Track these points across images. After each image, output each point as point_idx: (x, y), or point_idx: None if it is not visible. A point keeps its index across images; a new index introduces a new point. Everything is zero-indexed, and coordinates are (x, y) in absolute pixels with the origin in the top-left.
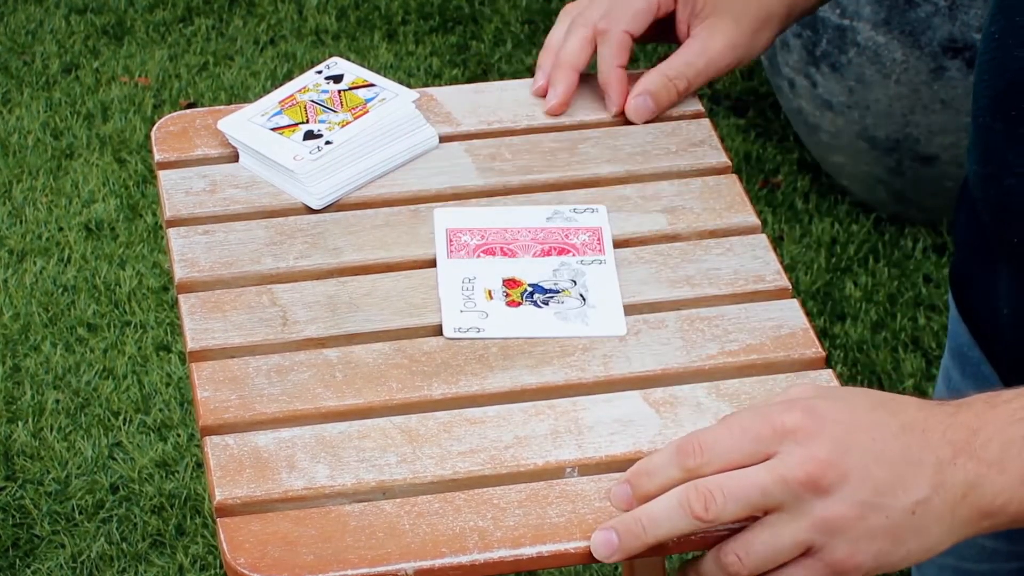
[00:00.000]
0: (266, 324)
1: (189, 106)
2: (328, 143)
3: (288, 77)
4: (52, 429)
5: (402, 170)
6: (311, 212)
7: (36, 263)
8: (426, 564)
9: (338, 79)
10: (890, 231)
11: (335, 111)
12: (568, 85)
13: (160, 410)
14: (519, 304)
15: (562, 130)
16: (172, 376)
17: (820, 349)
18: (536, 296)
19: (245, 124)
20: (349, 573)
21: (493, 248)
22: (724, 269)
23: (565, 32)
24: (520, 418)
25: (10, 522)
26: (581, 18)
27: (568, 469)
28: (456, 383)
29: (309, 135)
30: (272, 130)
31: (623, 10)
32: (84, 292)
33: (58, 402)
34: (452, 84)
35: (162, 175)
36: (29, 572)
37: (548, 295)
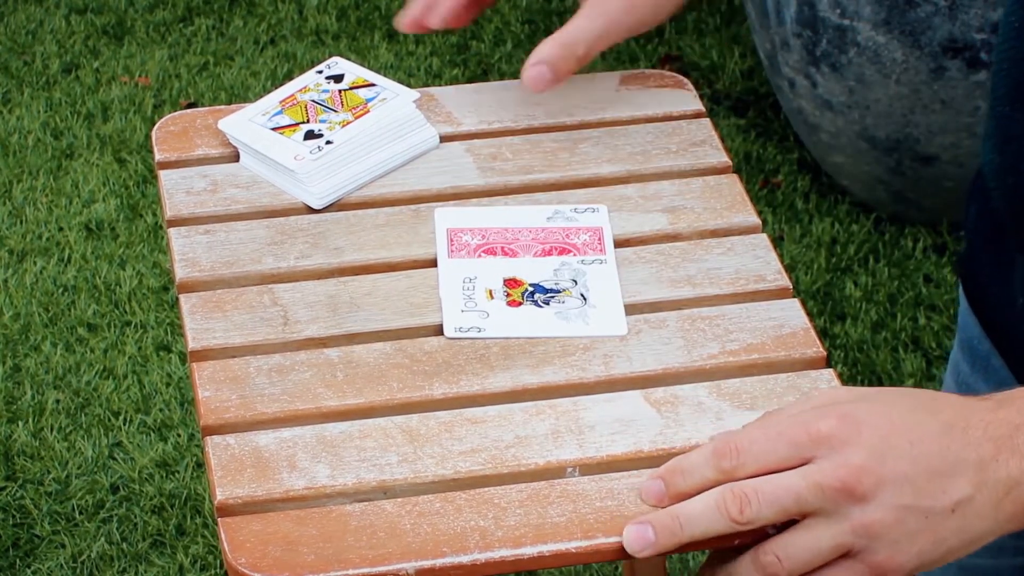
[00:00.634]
0: (267, 324)
1: (189, 106)
2: (329, 143)
3: (288, 77)
4: (52, 429)
5: (403, 170)
6: (312, 212)
7: (36, 263)
8: (427, 564)
9: (339, 79)
10: (890, 231)
11: (336, 111)
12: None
13: (160, 410)
14: (520, 304)
15: (562, 130)
16: (172, 376)
17: (821, 349)
18: (537, 296)
19: (246, 124)
20: (350, 573)
21: (494, 248)
22: (725, 269)
23: None
24: (521, 418)
25: (10, 522)
26: None
27: (569, 469)
28: (457, 383)
29: (310, 135)
30: (273, 130)
31: None
32: (84, 292)
33: (58, 402)
34: (452, 84)
35: (163, 175)
36: (29, 572)
37: (549, 295)
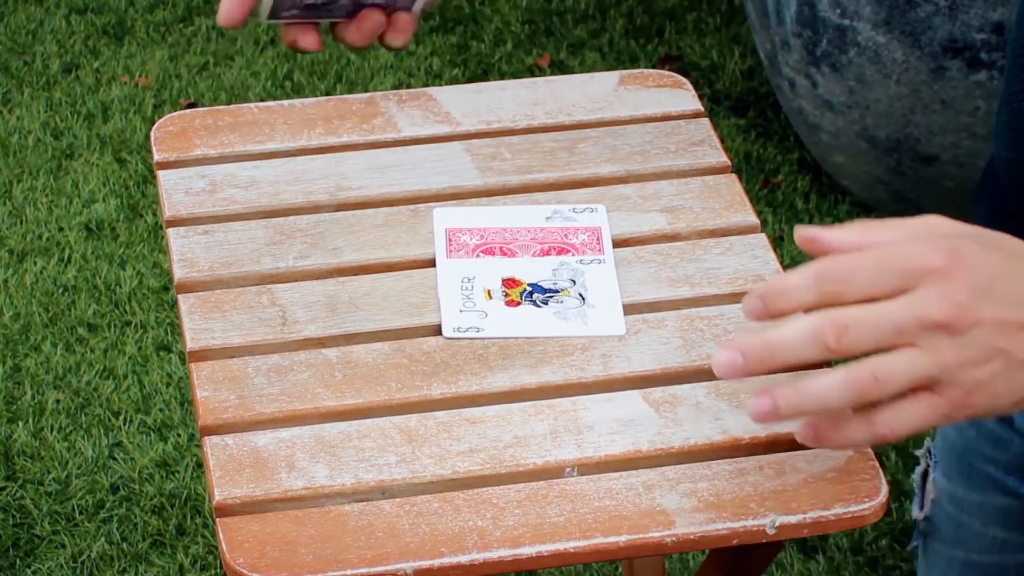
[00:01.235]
0: (265, 324)
1: (189, 106)
2: None
3: (288, 77)
4: (52, 429)
5: (402, 170)
6: (311, 212)
7: (36, 263)
8: (425, 564)
9: None
10: None
11: None
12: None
13: (160, 410)
14: (518, 304)
15: (561, 130)
16: (172, 376)
17: None
18: (535, 296)
19: None
20: (348, 573)
21: (492, 248)
22: (723, 269)
23: None
24: (519, 418)
25: (10, 522)
26: None
27: (567, 469)
28: (455, 383)
29: None
30: None
31: None
32: (84, 292)
33: (58, 402)
34: (452, 84)
35: (162, 175)
36: (29, 572)
37: (547, 295)
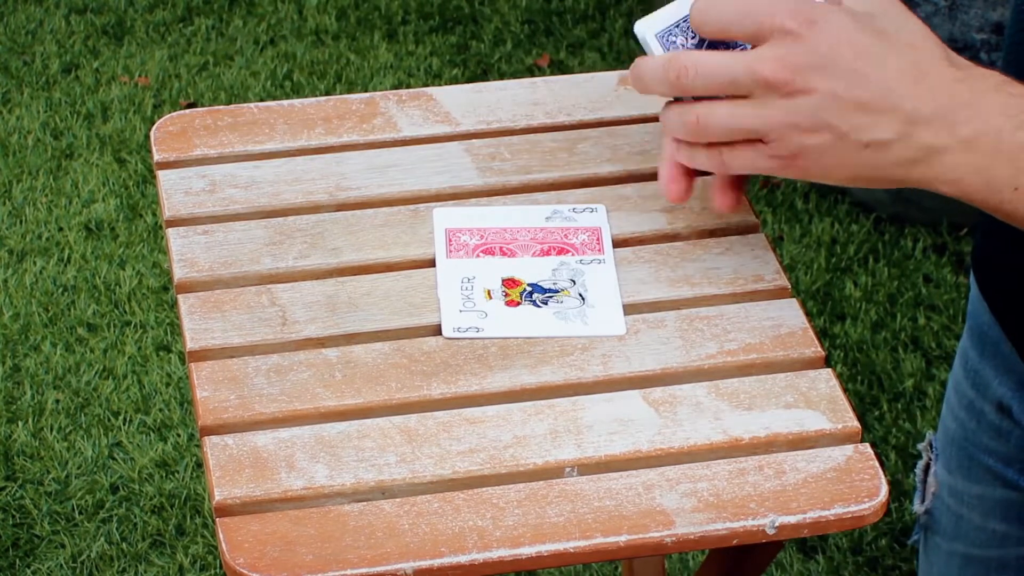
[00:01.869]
0: (265, 324)
1: (189, 106)
2: None
3: (288, 77)
4: (52, 429)
5: (402, 170)
6: (311, 212)
7: (36, 263)
8: (425, 564)
9: None
10: (890, 231)
11: None
12: None
13: (160, 410)
14: (518, 304)
15: (561, 129)
16: (172, 376)
17: (819, 348)
18: (535, 296)
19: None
20: (348, 573)
21: (492, 248)
22: (723, 268)
23: None
24: (519, 418)
25: (10, 522)
26: None
27: (567, 469)
28: (455, 383)
29: None
30: None
31: None
32: (84, 292)
33: (58, 402)
34: (452, 84)
35: (161, 175)
36: (29, 572)
37: (547, 295)
